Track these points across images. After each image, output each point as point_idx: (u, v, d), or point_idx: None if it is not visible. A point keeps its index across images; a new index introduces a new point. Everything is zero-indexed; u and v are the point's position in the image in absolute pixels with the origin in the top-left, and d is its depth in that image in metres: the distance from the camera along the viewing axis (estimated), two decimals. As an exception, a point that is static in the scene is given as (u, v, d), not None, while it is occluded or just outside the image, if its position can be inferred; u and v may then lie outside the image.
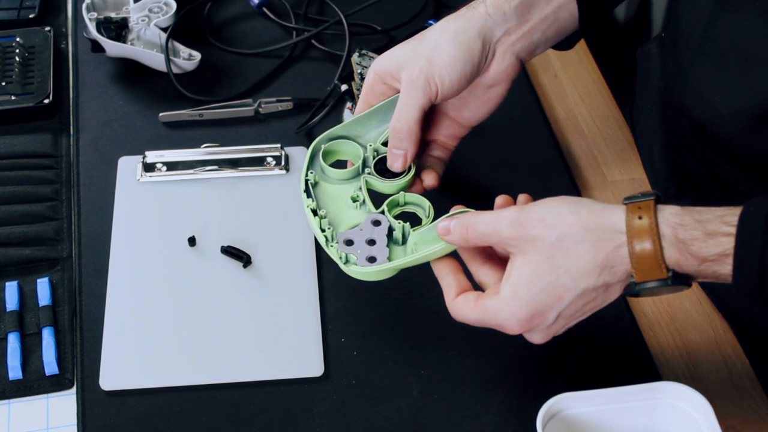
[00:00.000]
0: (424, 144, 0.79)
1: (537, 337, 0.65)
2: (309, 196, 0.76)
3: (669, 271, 0.58)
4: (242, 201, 0.87)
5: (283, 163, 0.90)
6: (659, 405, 0.67)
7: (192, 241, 0.82)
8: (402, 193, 0.75)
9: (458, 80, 0.72)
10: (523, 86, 1.01)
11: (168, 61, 0.97)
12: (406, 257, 0.70)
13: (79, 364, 0.75)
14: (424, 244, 0.71)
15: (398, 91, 0.74)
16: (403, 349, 0.77)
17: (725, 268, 0.56)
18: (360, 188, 0.76)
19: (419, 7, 1.08)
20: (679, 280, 0.58)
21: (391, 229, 0.72)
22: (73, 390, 0.74)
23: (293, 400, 0.73)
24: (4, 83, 0.95)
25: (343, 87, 0.95)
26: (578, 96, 1.02)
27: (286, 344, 0.76)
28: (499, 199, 0.70)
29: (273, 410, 0.73)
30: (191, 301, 0.79)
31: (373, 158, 0.77)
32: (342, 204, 0.76)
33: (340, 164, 0.79)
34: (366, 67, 0.95)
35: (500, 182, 0.91)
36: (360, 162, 0.77)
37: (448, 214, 0.69)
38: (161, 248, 0.83)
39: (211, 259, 0.82)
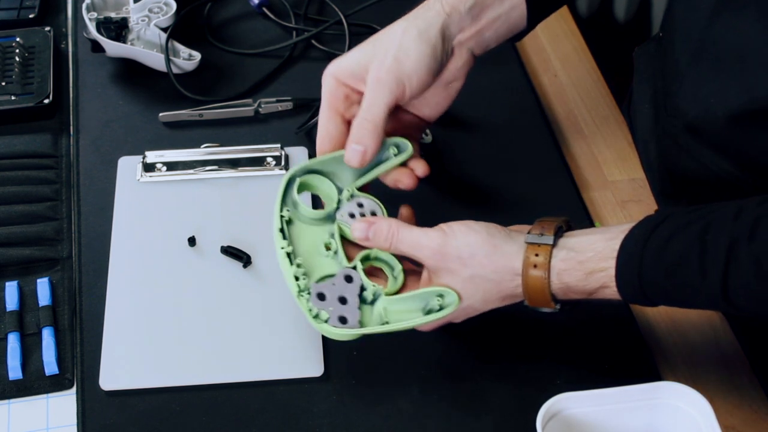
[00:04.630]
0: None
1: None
2: (285, 237, 0.73)
3: (557, 303, 0.67)
4: (242, 201, 0.87)
5: (283, 163, 0.90)
6: (659, 405, 0.67)
7: (192, 241, 0.82)
8: (374, 250, 0.73)
9: (425, 79, 0.73)
10: (522, 86, 1.01)
11: (168, 61, 0.97)
12: (379, 327, 0.70)
13: (79, 364, 0.75)
14: (396, 314, 0.70)
15: (362, 93, 0.73)
16: (403, 349, 0.77)
17: (608, 293, 0.65)
18: (333, 235, 0.74)
19: (419, 7, 1.08)
20: (569, 306, 0.69)
21: (362, 288, 0.71)
22: (73, 390, 0.74)
23: (293, 400, 0.73)
24: (4, 83, 0.95)
25: None
26: (578, 96, 1.02)
27: (286, 344, 0.76)
28: (405, 210, 0.76)
29: (273, 410, 0.73)
30: (191, 301, 0.79)
31: (347, 201, 0.75)
32: (314, 249, 0.74)
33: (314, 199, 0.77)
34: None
35: (500, 182, 0.91)
36: (334, 205, 0.75)
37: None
38: (161, 248, 0.83)
39: (211, 259, 0.82)
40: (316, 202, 0.79)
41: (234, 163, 0.90)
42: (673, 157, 0.82)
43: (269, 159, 0.90)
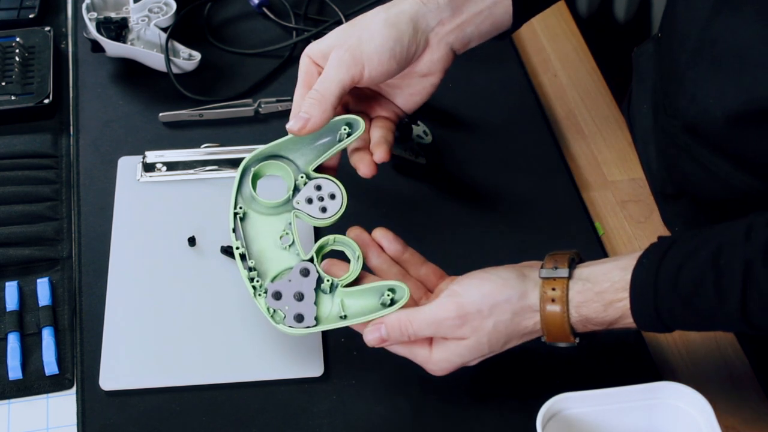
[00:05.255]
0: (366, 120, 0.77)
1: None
2: (238, 238, 0.72)
3: (576, 337, 0.67)
4: (242, 201, 0.87)
5: (283, 163, 0.89)
6: (659, 405, 0.67)
7: (192, 241, 0.82)
8: (332, 236, 0.72)
9: (387, 63, 0.72)
10: (522, 86, 1.01)
11: (168, 61, 0.97)
12: (336, 323, 0.69)
13: (79, 364, 0.75)
14: (353, 308, 0.70)
15: None
16: (403, 349, 0.77)
17: (629, 323, 0.64)
18: (290, 224, 0.72)
19: (419, 7, 1.08)
20: (587, 339, 0.68)
21: (320, 280, 0.70)
22: (73, 390, 0.74)
23: (293, 400, 0.73)
24: (4, 83, 0.95)
25: None
26: (578, 96, 1.02)
27: (286, 344, 0.76)
28: (353, 232, 0.73)
29: (273, 410, 0.73)
30: (191, 301, 0.79)
31: (304, 185, 0.73)
32: (271, 242, 0.72)
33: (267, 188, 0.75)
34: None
35: (500, 182, 0.91)
36: (291, 191, 0.73)
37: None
38: (161, 248, 0.83)
39: (211, 259, 0.82)
40: None
41: (234, 163, 0.90)
42: (672, 157, 0.81)
43: (269, 159, 0.90)
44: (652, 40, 0.89)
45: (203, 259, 0.82)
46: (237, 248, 0.71)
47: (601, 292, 0.64)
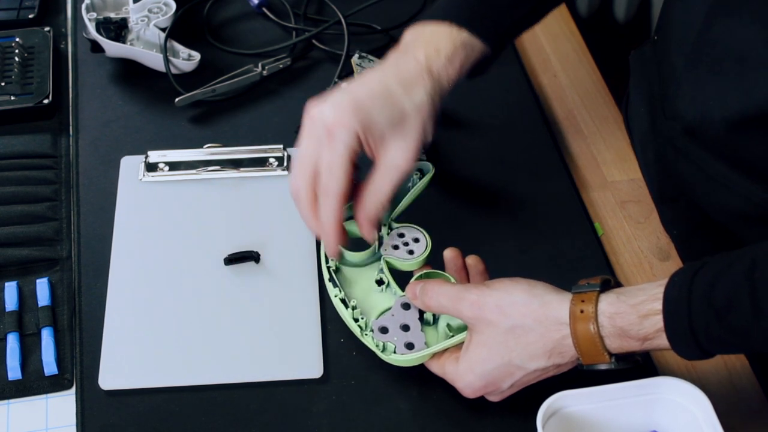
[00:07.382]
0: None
1: (493, 398, 0.71)
2: (335, 285, 0.75)
3: (611, 356, 0.64)
4: (244, 202, 0.87)
5: (285, 163, 0.89)
6: (657, 400, 0.67)
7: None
8: (423, 271, 0.75)
9: None
10: (522, 86, 1.01)
11: (166, 61, 0.97)
12: (444, 342, 0.71)
13: (78, 364, 0.75)
14: (459, 330, 0.71)
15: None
16: (402, 349, 0.77)
17: (665, 341, 0.62)
18: (382, 270, 0.76)
19: (418, 7, 1.08)
20: (625, 360, 0.65)
21: (421, 312, 0.73)
22: (73, 390, 0.74)
23: (293, 401, 0.73)
24: (3, 83, 0.95)
25: (343, 86, 0.95)
26: (577, 96, 1.02)
27: (286, 345, 0.76)
28: (448, 252, 0.76)
29: (272, 411, 0.73)
30: (191, 300, 0.79)
31: (387, 235, 0.77)
32: (367, 288, 0.76)
33: (353, 244, 0.79)
34: (366, 69, 0.95)
35: (499, 182, 0.91)
36: (375, 243, 0.77)
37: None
38: (162, 248, 0.83)
39: (212, 260, 0.82)
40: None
41: (236, 164, 0.89)
42: (670, 160, 0.81)
43: (271, 160, 0.90)
44: (649, 44, 0.89)
45: (204, 259, 0.82)
46: (335, 295, 0.75)
47: (637, 304, 0.63)
